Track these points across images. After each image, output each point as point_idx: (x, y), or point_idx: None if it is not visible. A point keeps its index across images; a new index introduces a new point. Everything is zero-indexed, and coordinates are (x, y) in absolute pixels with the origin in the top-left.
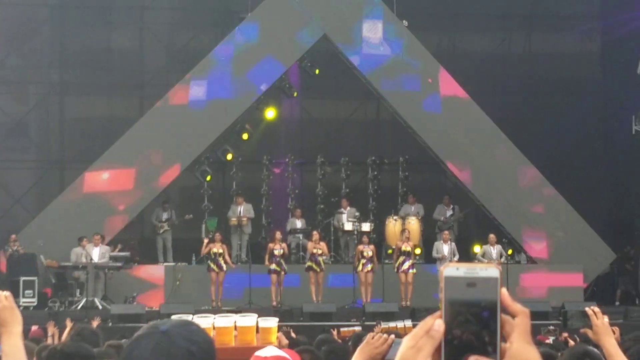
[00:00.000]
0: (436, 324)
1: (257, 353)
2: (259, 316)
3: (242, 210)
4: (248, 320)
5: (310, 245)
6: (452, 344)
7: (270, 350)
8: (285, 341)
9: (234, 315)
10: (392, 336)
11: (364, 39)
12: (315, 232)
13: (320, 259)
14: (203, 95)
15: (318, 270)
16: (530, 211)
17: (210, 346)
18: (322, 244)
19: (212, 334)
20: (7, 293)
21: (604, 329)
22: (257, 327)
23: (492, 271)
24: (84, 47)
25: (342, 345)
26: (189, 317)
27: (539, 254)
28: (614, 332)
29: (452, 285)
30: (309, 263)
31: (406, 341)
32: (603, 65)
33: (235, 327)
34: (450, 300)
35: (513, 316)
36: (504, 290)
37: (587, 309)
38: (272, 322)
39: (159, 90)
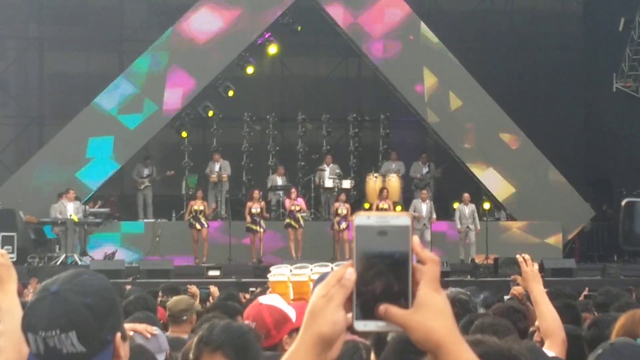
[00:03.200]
0: (347, 272)
1: (260, 297)
2: (237, 273)
3: (220, 167)
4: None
5: (288, 202)
6: (364, 293)
7: (270, 299)
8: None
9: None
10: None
11: None
12: (293, 190)
13: (299, 215)
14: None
15: (297, 227)
16: (510, 168)
17: (105, 292)
18: (300, 201)
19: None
20: (3, 251)
21: (532, 276)
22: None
23: (403, 219)
24: (62, 2)
25: None
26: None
27: (518, 211)
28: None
29: (364, 234)
30: (287, 220)
31: (318, 290)
32: (585, 22)
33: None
34: (361, 249)
35: (423, 264)
36: (415, 238)
37: (517, 256)
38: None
39: (139, 45)
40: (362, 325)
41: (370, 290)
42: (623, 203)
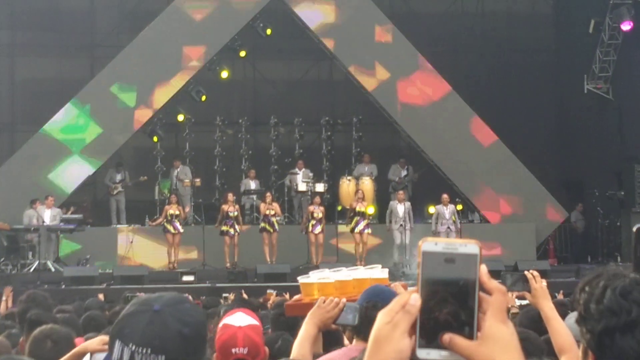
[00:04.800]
0: (412, 298)
1: (227, 321)
2: (212, 279)
3: (178, 173)
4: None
5: (263, 206)
6: (428, 320)
7: (241, 318)
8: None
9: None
10: (344, 300)
11: None
12: (268, 194)
13: (273, 219)
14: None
15: (272, 231)
16: (483, 170)
17: (201, 327)
18: (275, 205)
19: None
20: None
21: (542, 292)
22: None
23: (471, 247)
24: (33, 8)
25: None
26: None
27: (492, 213)
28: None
29: (430, 261)
30: (262, 224)
31: (381, 317)
32: (556, 25)
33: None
34: (427, 276)
35: (489, 294)
36: (482, 267)
37: (526, 272)
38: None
39: (110, 51)
40: (425, 354)
41: (434, 318)
42: (634, 229)
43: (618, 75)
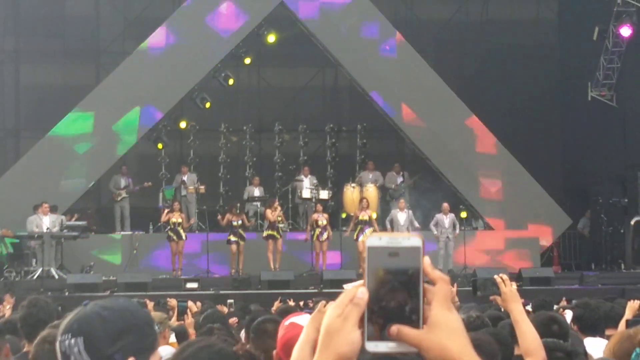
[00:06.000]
0: (360, 291)
1: (294, 319)
2: (216, 286)
3: (187, 179)
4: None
5: (269, 212)
6: (374, 313)
7: (307, 319)
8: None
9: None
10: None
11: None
12: (275, 203)
13: (280, 226)
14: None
15: (278, 237)
16: (487, 177)
17: (128, 313)
18: (280, 212)
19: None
20: None
21: (511, 296)
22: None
23: (414, 240)
24: (38, 14)
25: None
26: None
27: (496, 220)
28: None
29: (375, 255)
30: (268, 231)
31: (332, 310)
32: (560, 32)
33: None
34: (373, 269)
35: (433, 284)
36: (426, 259)
37: (495, 276)
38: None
39: (115, 58)
40: (373, 346)
41: (381, 310)
42: (632, 222)
43: (622, 83)
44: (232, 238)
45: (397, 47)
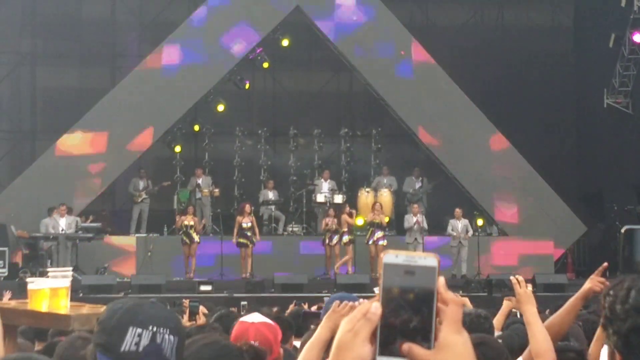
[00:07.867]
0: (373, 306)
1: (243, 319)
2: (230, 288)
3: (201, 182)
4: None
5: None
6: (387, 329)
7: (257, 317)
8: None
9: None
10: (358, 302)
11: (336, 7)
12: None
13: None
14: (177, 60)
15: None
16: (501, 183)
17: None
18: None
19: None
20: None
21: (525, 297)
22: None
23: (430, 260)
24: (55, 17)
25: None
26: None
27: (510, 226)
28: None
29: (391, 272)
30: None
31: (344, 324)
32: (575, 38)
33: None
34: (387, 286)
35: (445, 305)
36: (441, 279)
37: (511, 277)
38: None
39: (131, 61)
40: None
41: (393, 327)
42: (622, 230)
43: (638, 90)
44: (241, 240)
45: (414, 66)
